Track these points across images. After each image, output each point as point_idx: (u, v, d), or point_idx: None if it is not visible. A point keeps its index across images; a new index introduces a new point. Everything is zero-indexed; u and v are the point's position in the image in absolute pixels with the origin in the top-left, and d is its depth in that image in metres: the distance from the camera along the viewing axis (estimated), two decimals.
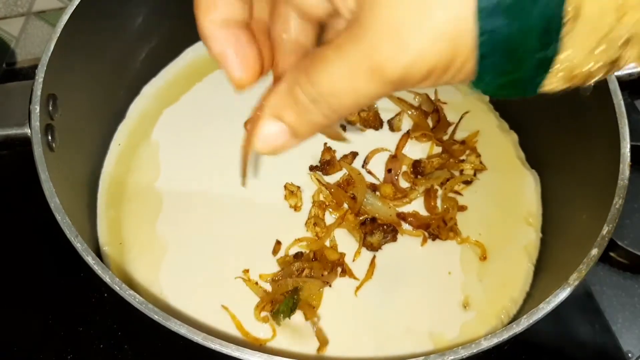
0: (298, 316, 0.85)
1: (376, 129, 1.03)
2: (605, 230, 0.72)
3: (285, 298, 0.85)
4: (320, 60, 0.38)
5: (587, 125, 0.88)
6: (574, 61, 0.35)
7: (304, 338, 0.84)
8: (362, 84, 0.37)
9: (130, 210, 0.94)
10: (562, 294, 0.68)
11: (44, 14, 1.23)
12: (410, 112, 1.04)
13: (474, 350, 0.63)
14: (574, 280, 0.69)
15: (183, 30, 1.09)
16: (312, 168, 0.98)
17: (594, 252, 0.71)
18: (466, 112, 1.06)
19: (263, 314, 0.85)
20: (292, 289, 0.85)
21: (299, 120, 0.41)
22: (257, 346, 0.82)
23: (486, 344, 0.64)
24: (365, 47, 0.35)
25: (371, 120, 1.03)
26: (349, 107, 0.39)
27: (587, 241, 0.75)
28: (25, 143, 0.75)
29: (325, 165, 0.98)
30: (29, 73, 1.27)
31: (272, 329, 0.83)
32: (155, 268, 0.89)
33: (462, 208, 0.96)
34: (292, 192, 0.95)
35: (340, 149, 1.00)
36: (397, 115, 1.04)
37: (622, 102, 0.80)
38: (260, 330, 0.84)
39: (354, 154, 0.99)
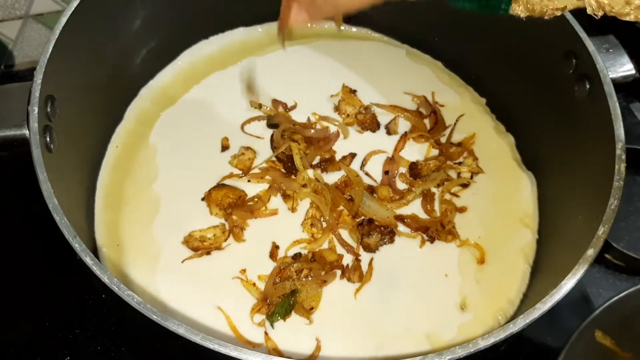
0: (295, 318, 0.85)
1: (373, 131, 1.03)
2: (601, 230, 0.73)
3: (282, 300, 0.85)
4: None
5: (582, 127, 0.89)
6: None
7: (300, 339, 0.84)
8: None
9: (128, 212, 0.94)
10: (559, 294, 0.69)
11: (42, 16, 1.23)
12: (404, 115, 1.05)
13: (471, 350, 0.63)
14: (570, 280, 0.69)
15: (180, 33, 1.10)
16: (312, 166, 0.98)
17: (590, 252, 0.72)
18: (461, 115, 1.07)
19: (259, 317, 0.85)
20: (289, 291, 0.85)
21: (312, 8, 0.72)
22: (252, 347, 0.82)
23: (483, 344, 0.64)
24: None
25: (368, 122, 1.03)
26: (348, 6, 0.67)
27: (583, 242, 0.75)
28: (23, 144, 0.75)
29: (325, 162, 0.98)
30: (26, 75, 1.27)
31: (266, 332, 0.83)
32: (153, 269, 0.89)
33: (462, 209, 0.97)
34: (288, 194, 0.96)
35: (340, 150, 1.01)
36: (393, 118, 1.05)
37: (617, 104, 0.81)
38: (257, 332, 0.84)
39: (353, 155, 1.00)
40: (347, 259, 0.91)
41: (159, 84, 1.08)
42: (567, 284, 0.69)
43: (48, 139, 0.78)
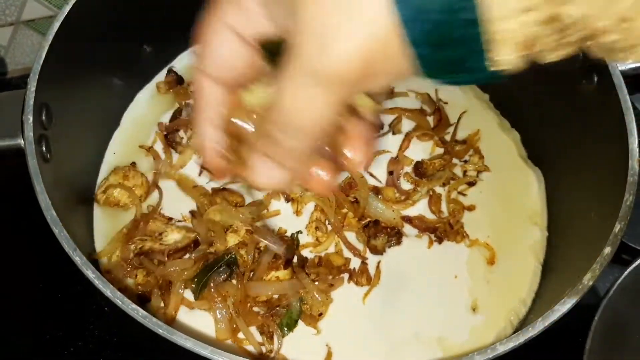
0: (303, 326, 0.83)
1: (377, 132, 1.01)
2: (617, 228, 0.71)
3: (288, 310, 0.83)
4: (275, 91, 0.41)
5: (591, 121, 0.87)
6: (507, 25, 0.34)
7: (310, 348, 0.82)
8: (307, 93, 0.38)
9: (126, 222, 0.91)
10: (578, 294, 0.67)
11: (33, 22, 1.20)
12: (406, 115, 1.03)
13: (490, 356, 0.61)
14: (588, 280, 0.67)
15: (176, 36, 1.07)
16: None
17: (607, 250, 0.69)
18: (464, 112, 1.05)
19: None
20: (294, 300, 0.83)
21: (280, 153, 0.44)
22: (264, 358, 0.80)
23: (502, 349, 0.62)
24: (297, 57, 0.37)
25: None
26: (312, 123, 0.41)
27: (597, 239, 0.73)
28: (18, 154, 0.72)
29: None
30: (19, 83, 1.24)
31: (270, 341, 0.82)
32: None
33: (471, 208, 0.95)
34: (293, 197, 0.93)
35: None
36: (396, 118, 1.03)
37: (627, 98, 0.78)
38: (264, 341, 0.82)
39: None
40: (354, 263, 0.89)
41: (155, 88, 1.05)
42: (586, 284, 0.67)
43: (44, 148, 0.75)
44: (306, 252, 0.89)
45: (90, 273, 0.65)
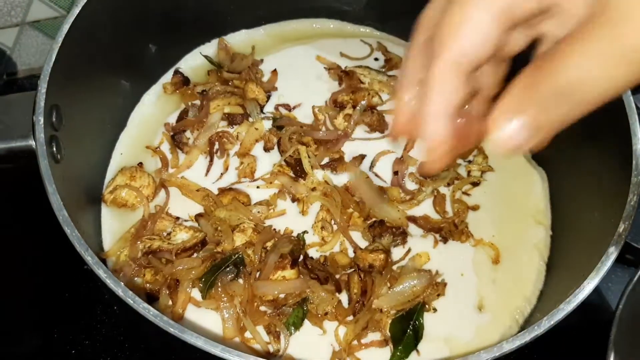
0: (309, 326, 0.84)
1: (382, 132, 1.02)
2: (621, 227, 0.72)
3: (294, 309, 0.83)
4: (563, 54, 0.38)
5: (594, 121, 0.86)
6: None
7: (316, 347, 0.83)
8: (613, 70, 0.37)
9: (134, 221, 0.92)
10: (582, 293, 0.67)
11: (39, 23, 1.21)
12: None
13: (497, 354, 0.62)
14: (593, 279, 0.68)
15: (183, 37, 1.08)
16: (322, 166, 0.97)
17: (612, 250, 0.70)
18: None
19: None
20: (300, 299, 0.84)
21: (541, 115, 0.42)
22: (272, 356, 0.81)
23: (508, 347, 0.63)
24: (616, 31, 0.36)
25: (376, 124, 1.02)
26: (597, 97, 0.39)
27: (601, 238, 0.74)
28: (29, 155, 0.73)
29: (334, 162, 0.97)
30: (24, 84, 1.26)
31: (277, 340, 0.82)
32: None
33: (475, 208, 0.96)
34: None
35: (349, 152, 0.99)
36: None
37: (631, 98, 0.79)
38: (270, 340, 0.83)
39: (362, 157, 0.98)
40: None
41: (161, 89, 1.06)
42: (591, 283, 0.68)
43: (54, 149, 0.76)
44: (312, 252, 0.90)
45: (102, 272, 0.66)
